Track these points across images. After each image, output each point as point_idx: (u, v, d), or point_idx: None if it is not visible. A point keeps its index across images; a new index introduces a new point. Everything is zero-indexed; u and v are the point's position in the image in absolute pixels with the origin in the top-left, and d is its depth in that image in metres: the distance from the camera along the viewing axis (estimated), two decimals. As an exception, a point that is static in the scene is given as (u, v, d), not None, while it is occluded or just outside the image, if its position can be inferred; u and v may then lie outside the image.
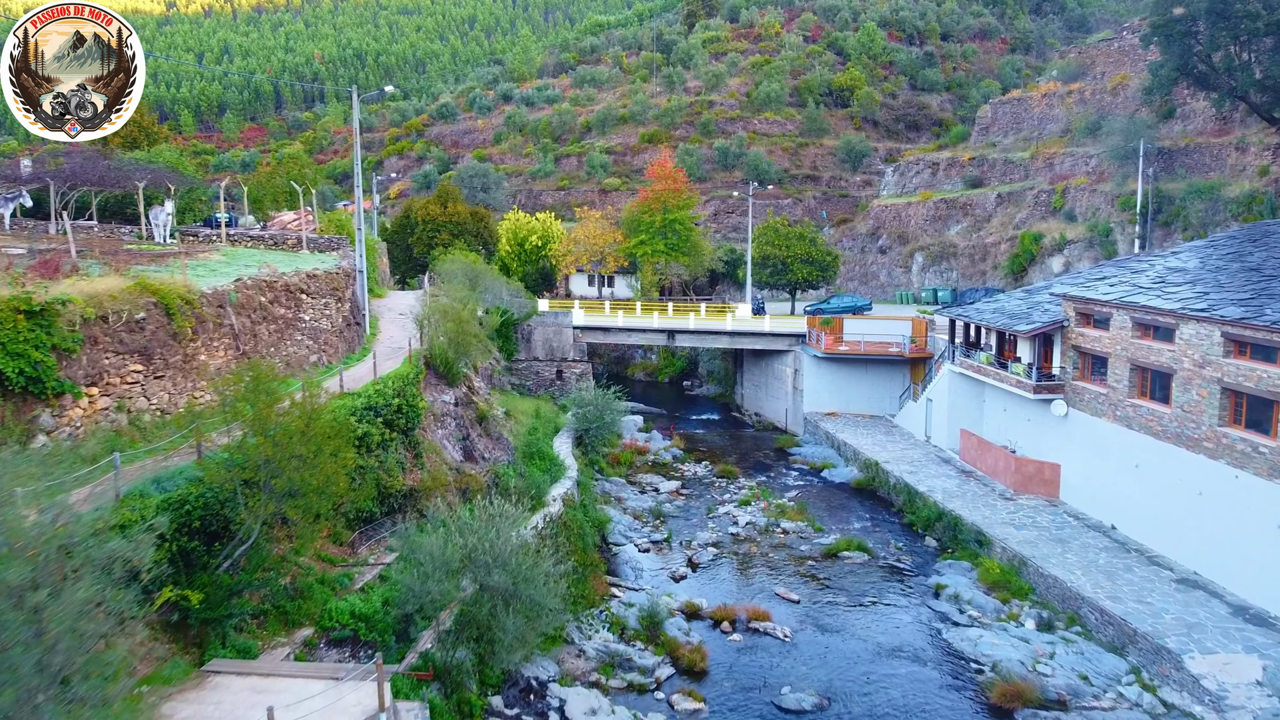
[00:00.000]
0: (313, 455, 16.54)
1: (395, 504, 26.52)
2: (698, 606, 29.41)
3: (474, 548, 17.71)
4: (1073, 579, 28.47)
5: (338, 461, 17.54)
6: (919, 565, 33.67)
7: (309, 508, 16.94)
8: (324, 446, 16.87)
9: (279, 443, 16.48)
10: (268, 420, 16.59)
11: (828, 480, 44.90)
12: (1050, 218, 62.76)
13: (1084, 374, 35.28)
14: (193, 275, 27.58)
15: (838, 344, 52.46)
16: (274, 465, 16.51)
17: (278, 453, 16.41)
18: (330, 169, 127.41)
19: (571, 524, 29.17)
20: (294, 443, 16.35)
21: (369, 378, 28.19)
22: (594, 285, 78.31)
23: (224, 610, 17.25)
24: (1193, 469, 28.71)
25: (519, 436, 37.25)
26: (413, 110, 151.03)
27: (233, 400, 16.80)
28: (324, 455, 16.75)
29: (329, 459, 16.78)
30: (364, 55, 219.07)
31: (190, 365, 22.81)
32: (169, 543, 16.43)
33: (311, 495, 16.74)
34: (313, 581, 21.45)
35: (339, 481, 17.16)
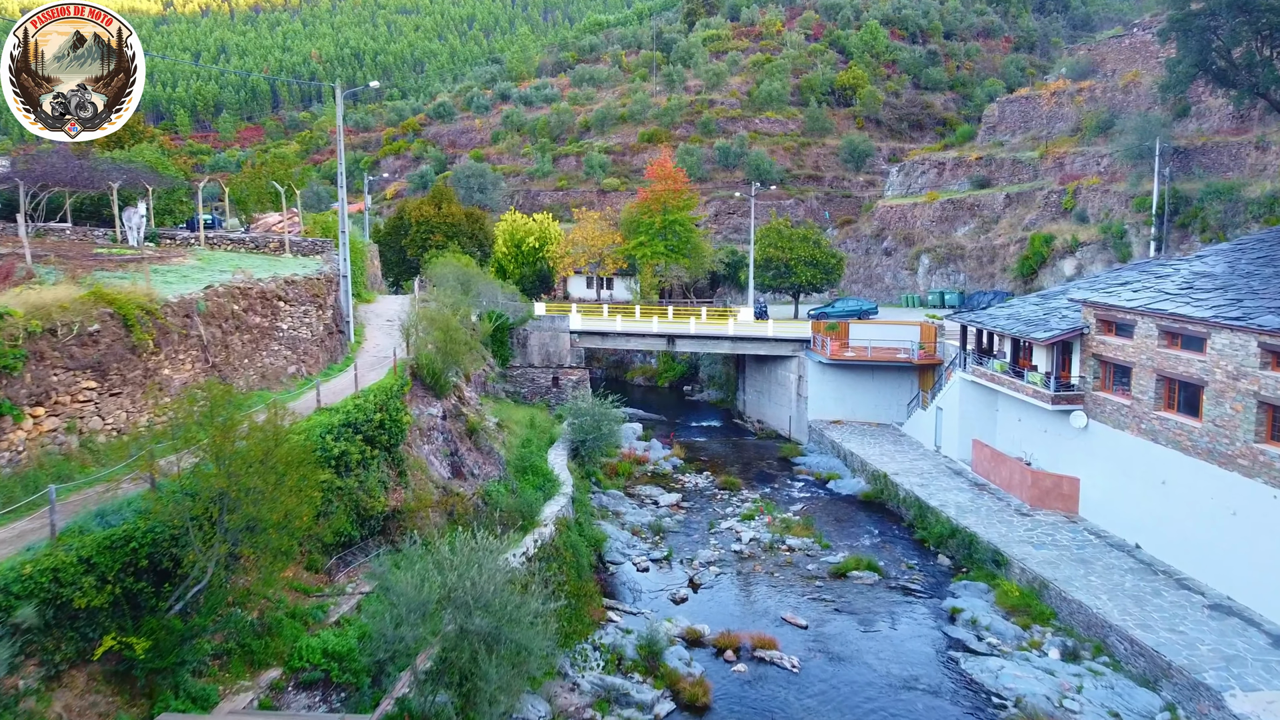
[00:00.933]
0: (273, 487, 14.83)
1: (376, 526, 24.84)
2: (699, 633, 27.71)
3: (454, 586, 16.00)
4: (1098, 604, 26.76)
5: (303, 493, 15.82)
6: (932, 586, 31.96)
7: (269, 545, 15.22)
8: (286, 477, 15.15)
9: (234, 473, 14.77)
10: (223, 448, 14.88)
11: (834, 492, 43.19)
12: (1061, 219, 61.05)
13: (1105, 384, 33.58)
14: (162, 282, 25.92)
15: (844, 350, 50.76)
16: (229, 498, 14.80)
17: (233, 485, 14.69)
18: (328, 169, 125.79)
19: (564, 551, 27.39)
20: (251, 474, 14.64)
21: (350, 390, 26.52)
22: (592, 288, 76.60)
23: (175, 658, 15.54)
24: (1226, 487, 27.01)
25: (511, 449, 35.54)
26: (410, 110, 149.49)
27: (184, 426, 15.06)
28: (286, 487, 15.03)
29: (291, 491, 15.06)
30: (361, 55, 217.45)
31: (151, 381, 21.12)
32: (111, 584, 14.76)
33: (271, 531, 15.03)
34: (282, 616, 19.71)
35: (302, 516, 15.43)
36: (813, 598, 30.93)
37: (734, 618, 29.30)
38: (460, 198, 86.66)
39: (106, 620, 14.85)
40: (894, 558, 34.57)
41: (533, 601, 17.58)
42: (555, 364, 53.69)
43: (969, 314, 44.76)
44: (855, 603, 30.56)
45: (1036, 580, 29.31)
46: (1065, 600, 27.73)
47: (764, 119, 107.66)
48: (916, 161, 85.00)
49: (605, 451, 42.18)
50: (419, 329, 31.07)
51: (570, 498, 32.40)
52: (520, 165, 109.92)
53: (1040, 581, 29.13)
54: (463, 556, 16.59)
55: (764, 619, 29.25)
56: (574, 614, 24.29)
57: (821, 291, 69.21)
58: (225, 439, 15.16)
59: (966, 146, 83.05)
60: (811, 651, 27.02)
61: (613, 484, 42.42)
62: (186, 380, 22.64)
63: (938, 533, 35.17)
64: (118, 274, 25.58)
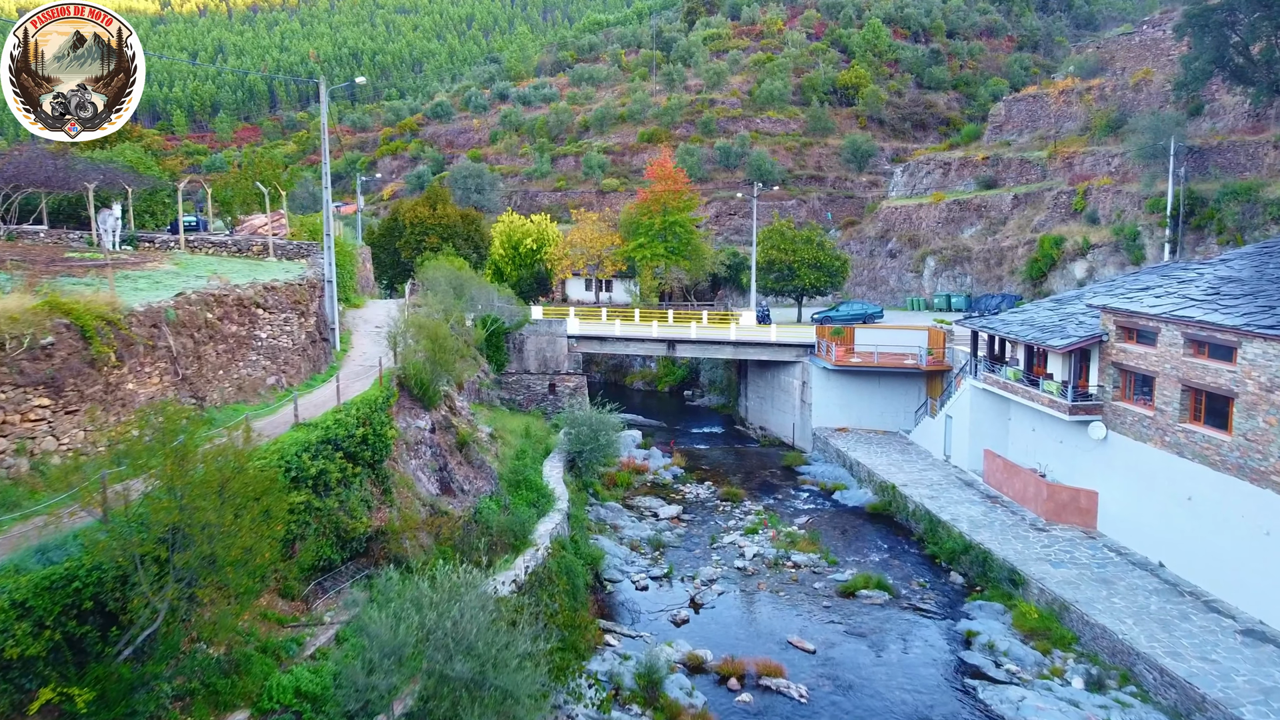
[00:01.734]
0: (231, 521, 13.36)
1: (359, 548, 23.38)
2: (701, 659, 26.23)
3: (432, 627, 14.53)
4: (1123, 629, 25.29)
5: (266, 526, 14.36)
6: (945, 606, 30.48)
7: (226, 585, 13.75)
8: (245, 509, 13.68)
9: (188, 506, 13.30)
10: (176, 477, 13.41)
11: (840, 504, 41.71)
12: (1071, 220, 59.58)
13: (1125, 394, 32.11)
14: (132, 289, 24.47)
15: (849, 355, 49.30)
16: (182, 534, 13.33)
17: (186, 518, 13.23)
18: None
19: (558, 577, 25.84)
20: (206, 507, 13.17)
21: (333, 403, 25.06)
22: (591, 290, 75.12)
23: (124, 708, 14.07)
24: (1258, 505, 25.54)
25: (505, 462, 34.06)
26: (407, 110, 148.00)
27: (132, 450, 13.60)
28: (245, 521, 13.56)
29: (252, 525, 13.59)
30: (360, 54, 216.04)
31: (113, 397, 19.64)
32: (51, 630, 13.28)
33: (229, 570, 13.56)
34: (252, 651, 18.24)
35: (264, 552, 13.96)
36: (820, 619, 29.45)
37: (738, 641, 27.81)
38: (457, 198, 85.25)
39: (45, 669, 13.36)
40: (904, 575, 33.09)
41: (521, 640, 16.12)
42: (552, 370, 52.20)
43: (980, 319, 43.27)
44: (865, 624, 29.09)
45: (1056, 601, 27.84)
46: (1088, 624, 26.26)
47: (765, 118, 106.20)
48: (921, 161, 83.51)
49: (604, 461, 40.72)
50: (407, 337, 29.59)
51: (566, 514, 30.93)
52: (518, 165, 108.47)
53: (1060, 603, 27.66)
54: (443, 592, 15.11)
55: (769, 642, 27.77)
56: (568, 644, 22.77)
57: (825, 295, 67.71)
58: (179, 466, 13.70)
59: (972, 146, 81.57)
60: (820, 679, 25.55)
61: (611, 495, 40.93)
62: (154, 395, 21.16)
63: (950, 548, 33.69)
64: (86, 280, 24.14)
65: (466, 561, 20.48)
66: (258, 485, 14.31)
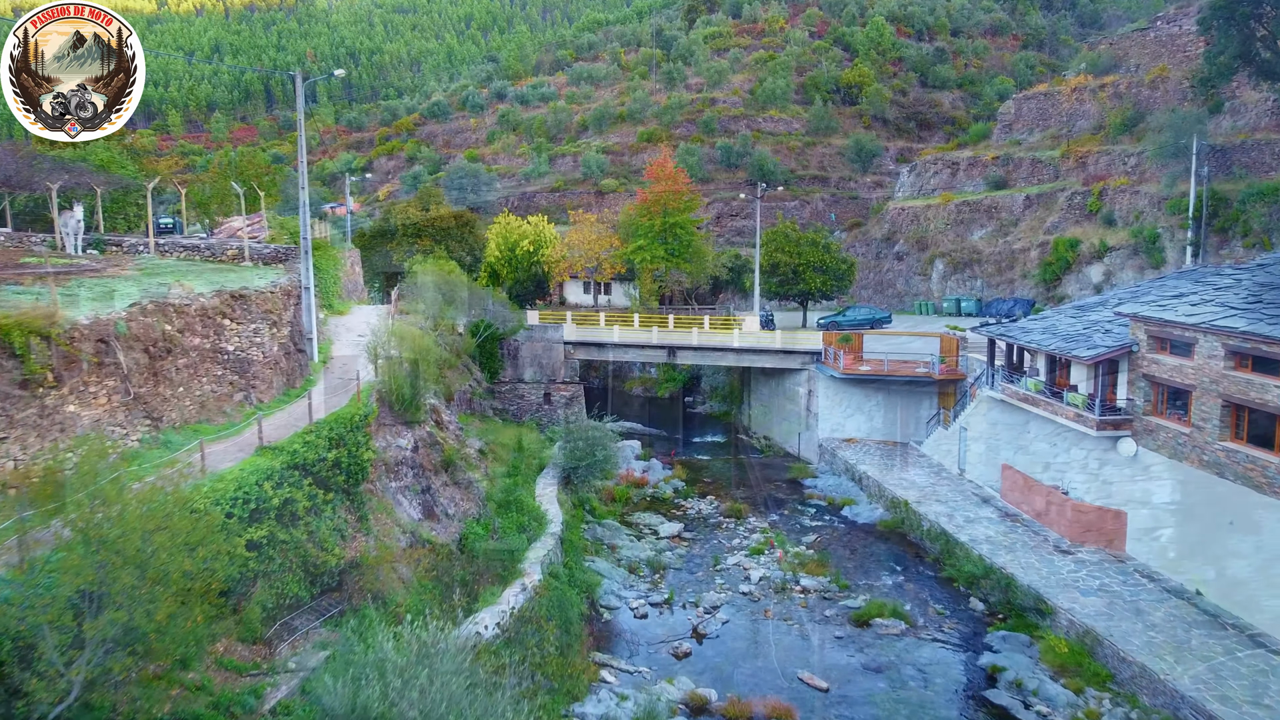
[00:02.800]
0: (154, 583, 11.33)
1: (331, 582, 21.38)
2: (705, 699, 24.19)
3: (396, 697, 12.49)
4: (1164, 668, 23.25)
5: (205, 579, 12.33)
6: (966, 636, 28.44)
7: (150, 653, 11.73)
8: (172, 565, 11.65)
9: (104, 563, 11.29)
10: (91, 529, 11.40)
11: (849, 520, 39.66)
12: (1085, 221, 57.52)
13: (1157, 409, 30.08)
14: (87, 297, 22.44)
15: (858, 363, 47.23)
16: (98, 597, 11.31)
17: (101, 579, 11.21)
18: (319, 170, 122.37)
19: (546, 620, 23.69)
20: (124, 567, 11.15)
21: (305, 421, 23.06)
22: (589, 293, 73.01)
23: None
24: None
25: (495, 480, 32.02)
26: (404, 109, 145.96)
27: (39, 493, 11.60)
28: (172, 580, 11.54)
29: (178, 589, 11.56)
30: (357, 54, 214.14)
31: (50, 421, 17.63)
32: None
33: (152, 638, 11.53)
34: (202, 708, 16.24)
35: (194, 615, 11.93)
36: (833, 651, 27.41)
37: (744, 677, 25.80)
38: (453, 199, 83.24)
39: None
40: (921, 600, 31.04)
41: (501, 702, 14.08)
42: (548, 378, 50.15)
43: (998, 327, 41.19)
44: (881, 658, 27.04)
45: (1088, 634, 25.80)
46: (1124, 660, 24.22)
47: (767, 118, 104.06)
48: (928, 161, 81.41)
49: (601, 475, 38.70)
50: (389, 348, 27.56)
51: (559, 538, 28.90)
52: (515, 166, 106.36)
53: (1092, 635, 25.62)
54: (410, 654, 13.07)
55: (778, 678, 25.74)
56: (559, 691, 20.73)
57: (831, 299, 65.61)
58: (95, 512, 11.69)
59: (981, 145, 79.43)
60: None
61: (608, 512, 38.84)
62: (100, 418, 19.17)
63: (969, 572, 31.64)
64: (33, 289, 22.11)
65: (447, 600, 18.50)
66: (193, 534, 12.28)
